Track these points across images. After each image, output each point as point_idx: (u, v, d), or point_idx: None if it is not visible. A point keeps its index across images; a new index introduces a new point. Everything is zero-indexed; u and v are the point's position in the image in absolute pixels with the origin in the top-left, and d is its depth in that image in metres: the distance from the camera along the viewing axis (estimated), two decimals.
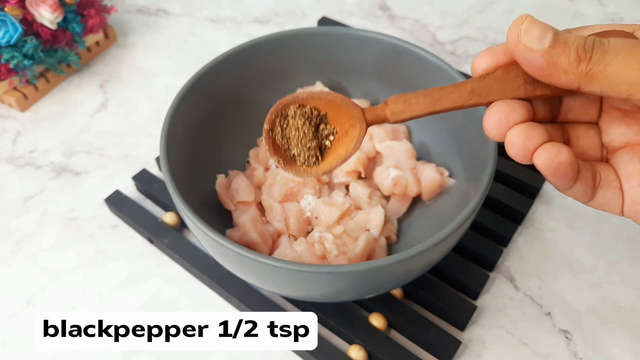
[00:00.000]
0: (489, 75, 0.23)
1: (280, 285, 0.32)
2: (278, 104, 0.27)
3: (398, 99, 0.25)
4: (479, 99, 0.24)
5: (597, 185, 0.22)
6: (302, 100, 0.27)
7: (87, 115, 0.53)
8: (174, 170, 0.33)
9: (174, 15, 0.64)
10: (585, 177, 0.22)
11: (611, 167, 0.23)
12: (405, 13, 0.64)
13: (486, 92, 0.23)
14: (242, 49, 0.40)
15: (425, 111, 0.25)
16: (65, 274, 0.40)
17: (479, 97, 0.24)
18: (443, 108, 0.24)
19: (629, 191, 0.22)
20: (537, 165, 0.22)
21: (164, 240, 0.40)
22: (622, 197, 0.22)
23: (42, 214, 0.44)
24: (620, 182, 0.23)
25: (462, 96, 0.24)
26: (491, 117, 0.22)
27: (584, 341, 0.36)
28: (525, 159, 0.22)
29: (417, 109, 0.25)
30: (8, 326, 0.38)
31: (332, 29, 0.43)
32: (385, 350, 0.34)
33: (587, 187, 0.22)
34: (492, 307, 0.38)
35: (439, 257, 0.33)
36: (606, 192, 0.23)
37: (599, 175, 0.23)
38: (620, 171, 0.23)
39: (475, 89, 0.24)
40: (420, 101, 0.25)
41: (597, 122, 0.25)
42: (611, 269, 0.40)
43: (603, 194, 0.23)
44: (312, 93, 0.27)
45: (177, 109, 0.36)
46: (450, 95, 0.24)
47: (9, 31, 0.47)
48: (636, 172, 0.22)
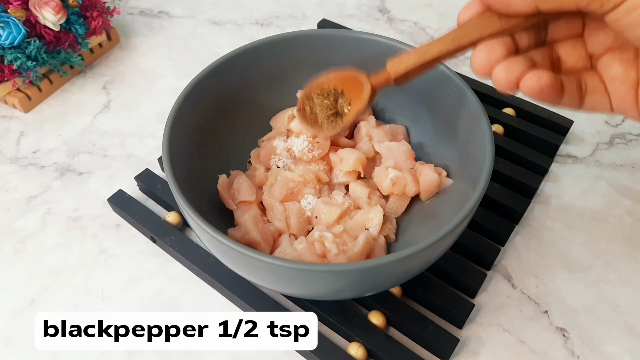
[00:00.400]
0: (467, 22, 0.26)
1: (281, 283, 0.32)
2: (306, 90, 0.36)
3: (393, 58, 0.30)
4: (460, 42, 0.26)
5: (584, 94, 0.25)
6: (323, 83, 0.36)
7: (90, 116, 0.53)
8: (177, 170, 0.33)
9: (176, 17, 0.64)
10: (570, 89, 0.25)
11: (596, 73, 0.25)
12: (404, 15, 0.64)
13: (465, 35, 0.26)
14: (244, 51, 0.41)
15: (417, 62, 0.28)
16: (68, 273, 0.41)
17: (460, 41, 0.26)
18: (432, 56, 0.28)
19: (613, 91, 0.25)
20: (523, 92, 0.24)
21: (167, 239, 0.41)
22: (609, 98, 0.25)
23: (46, 214, 0.45)
24: (604, 85, 0.25)
25: (445, 44, 0.27)
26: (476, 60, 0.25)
27: (581, 339, 0.37)
28: (511, 89, 0.25)
29: (410, 63, 0.29)
30: (11, 325, 0.38)
31: (332, 31, 0.43)
32: (385, 348, 0.35)
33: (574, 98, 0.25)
34: (489, 305, 0.38)
35: (437, 256, 0.33)
36: (593, 97, 0.25)
37: (584, 84, 0.25)
38: (604, 75, 0.25)
39: (456, 36, 0.27)
40: (411, 56, 0.29)
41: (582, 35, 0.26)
42: (608, 267, 0.40)
43: (590, 99, 0.25)
44: (329, 75, 0.35)
45: (179, 110, 0.36)
46: (436, 45, 0.28)
47: (13, 33, 0.48)
48: (617, 72, 0.24)
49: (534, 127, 0.48)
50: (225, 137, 0.43)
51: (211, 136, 0.41)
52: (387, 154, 0.41)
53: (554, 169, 0.47)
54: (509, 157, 0.46)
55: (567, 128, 0.49)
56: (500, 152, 0.46)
